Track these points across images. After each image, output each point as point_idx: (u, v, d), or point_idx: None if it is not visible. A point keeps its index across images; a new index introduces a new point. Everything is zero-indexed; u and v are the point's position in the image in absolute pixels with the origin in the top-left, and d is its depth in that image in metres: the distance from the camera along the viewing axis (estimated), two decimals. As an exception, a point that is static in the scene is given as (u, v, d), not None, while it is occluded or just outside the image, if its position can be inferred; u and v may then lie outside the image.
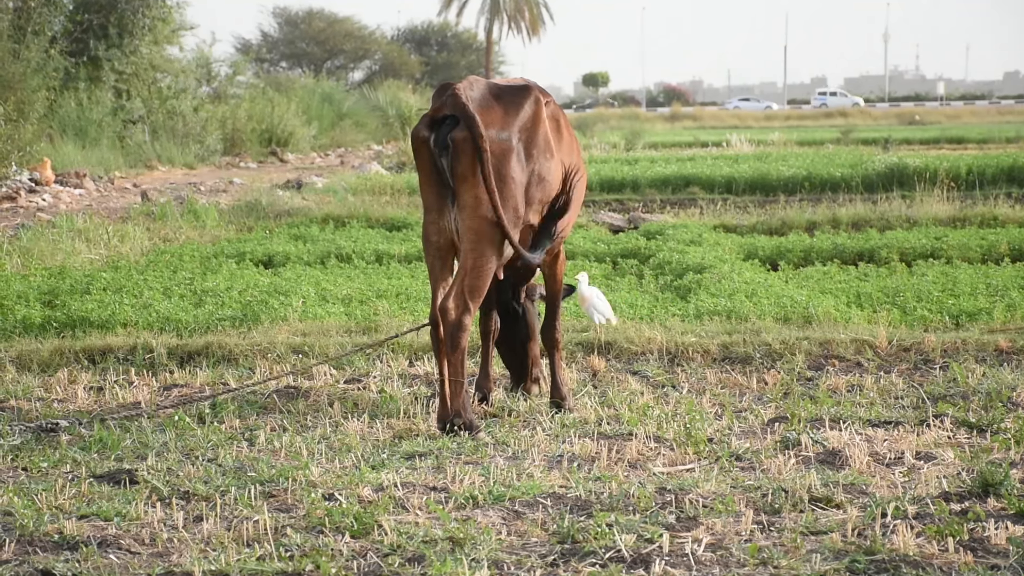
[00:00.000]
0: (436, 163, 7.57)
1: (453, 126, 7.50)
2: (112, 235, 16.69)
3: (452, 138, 7.47)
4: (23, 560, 5.45)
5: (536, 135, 7.83)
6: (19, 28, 28.55)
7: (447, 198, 7.61)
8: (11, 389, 8.88)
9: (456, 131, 7.48)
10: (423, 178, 7.68)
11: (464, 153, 7.48)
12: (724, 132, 47.56)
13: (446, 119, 7.54)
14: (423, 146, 7.59)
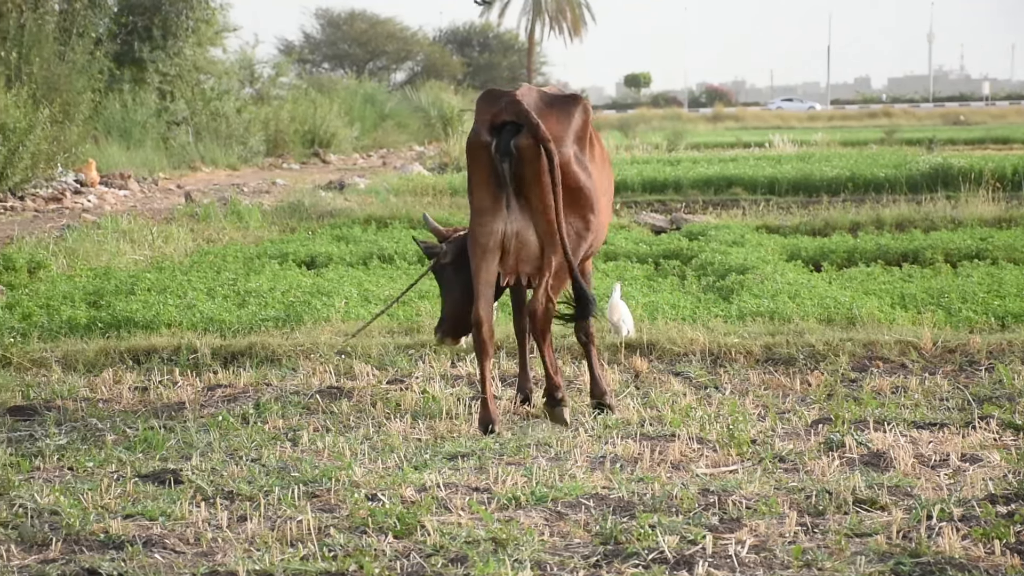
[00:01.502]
0: (496, 168, 7.61)
1: (515, 132, 7.56)
2: (156, 236, 16.79)
3: (516, 145, 7.54)
4: (69, 559, 5.49)
5: (584, 144, 7.91)
6: (64, 30, 28.76)
7: (502, 202, 7.66)
8: (57, 389, 8.94)
9: (521, 138, 7.55)
10: (478, 181, 7.71)
11: (530, 160, 7.56)
12: (767, 133, 47.35)
13: (505, 125, 7.59)
14: (483, 151, 7.65)
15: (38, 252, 14.47)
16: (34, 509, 6.11)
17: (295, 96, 47.54)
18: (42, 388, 8.99)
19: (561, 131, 7.74)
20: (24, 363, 9.66)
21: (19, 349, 9.89)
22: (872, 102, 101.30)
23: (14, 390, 8.90)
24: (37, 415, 8.18)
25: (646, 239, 16.59)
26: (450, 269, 8.60)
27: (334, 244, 16.23)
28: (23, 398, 8.70)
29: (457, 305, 8.58)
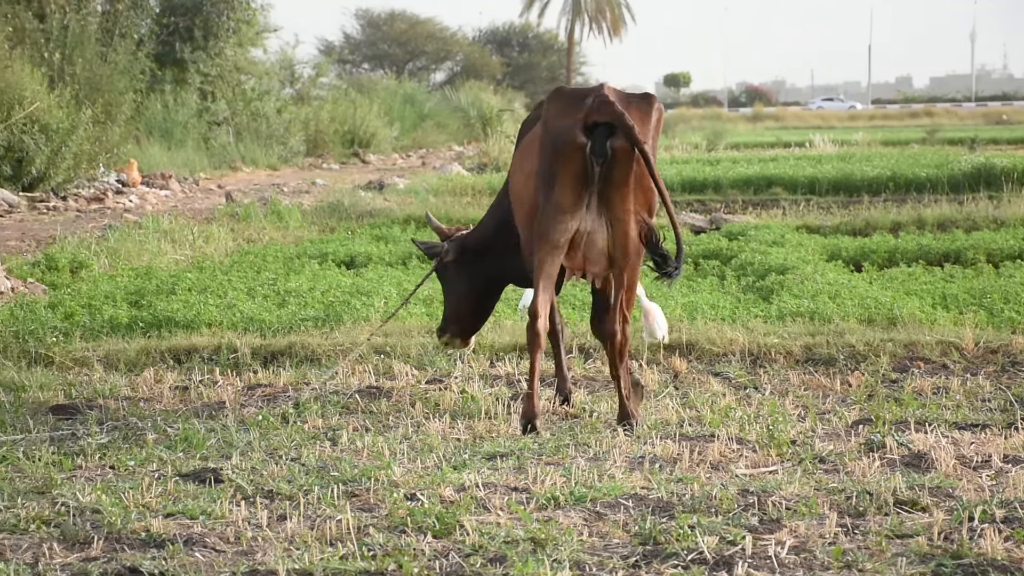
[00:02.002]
0: (585, 168, 7.61)
1: (608, 134, 7.55)
2: (197, 236, 16.87)
3: (613, 147, 7.54)
4: (111, 557, 5.52)
5: (656, 144, 7.87)
6: (107, 31, 28.95)
7: (584, 202, 7.66)
8: (99, 388, 9.00)
9: (617, 140, 7.54)
10: (564, 180, 7.65)
11: (623, 162, 7.59)
12: (807, 132, 47.17)
13: (597, 126, 7.58)
14: (577, 152, 7.60)
15: (80, 252, 14.57)
16: (76, 507, 6.15)
17: (335, 96, 47.71)
18: (84, 387, 9.05)
19: (643, 132, 7.69)
20: (66, 362, 9.72)
21: (61, 348, 9.96)
22: (914, 101, 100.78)
23: (57, 389, 8.96)
24: (79, 414, 8.23)
25: (686, 239, 16.51)
26: (453, 268, 8.72)
27: (373, 244, 16.27)
28: (65, 397, 8.76)
29: (462, 305, 8.73)
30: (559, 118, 7.74)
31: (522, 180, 8.08)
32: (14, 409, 8.31)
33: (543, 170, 7.78)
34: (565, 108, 7.77)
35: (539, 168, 7.82)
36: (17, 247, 15.36)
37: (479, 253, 8.74)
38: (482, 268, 8.75)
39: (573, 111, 7.69)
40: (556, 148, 7.68)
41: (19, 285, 12.99)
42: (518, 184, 8.17)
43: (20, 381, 9.08)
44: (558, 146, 7.67)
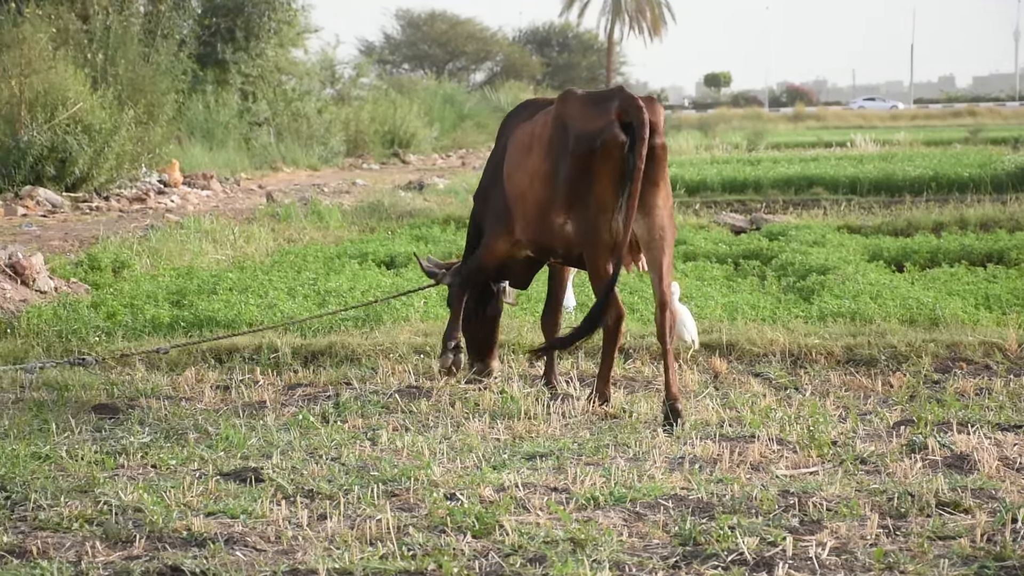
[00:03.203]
0: (624, 166, 7.88)
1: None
2: (238, 236, 16.94)
3: (653, 144, 7.92)
4: (153, 556, 5.54)
5: None
6: (149, 32, 29.12)
7: (620, 199, 7.92)
8: (141, 387, 9.05)
9: (656, 137, 7.97)
10: (607, 180, 7.95)
11: (660, 159, 8.03)
12: (848, 132, 47.00)
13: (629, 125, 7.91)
14: (618, 149, 7.90)
15: (122, 252, 14.65)
16: (118, 506, 6.18)
17: (375, 97, 47.84)
18: (126, 387, 9.10)
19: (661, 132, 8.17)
20: (109, 362, 9.78)
21: (104, 348, 10.02)
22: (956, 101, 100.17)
23: (99, 388, 9.02)
24: (121, 413, 8.28)
25: (726, 239, 16.52)
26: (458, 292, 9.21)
27: (413, 244, 16.30)
28: (107, 396, 8.81)
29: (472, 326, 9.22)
30: (588, 120, 8.05)
31: (525, 179, 8.43)
32: (57, 408, 8.37)
33: (569, 172, 8.09)
34: (592, 110, 8.10)
35: (559, 170, 8.15)
36: (60, 247, 15.46)
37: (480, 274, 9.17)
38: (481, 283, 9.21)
39: (602, 112, 8.01)
40: (592, 149, 7.96)
41: (62, 285, 13.07)
42: (519, 183, 8.50)
43: (63, 380, 9.15)
44: (596, 147, 7.94)
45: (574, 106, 8.21)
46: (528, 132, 8.57)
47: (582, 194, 8.05)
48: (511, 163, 8.68)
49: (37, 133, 21.97)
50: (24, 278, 12.71)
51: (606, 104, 8.07)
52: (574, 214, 8.14)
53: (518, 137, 8.69)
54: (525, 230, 8.59)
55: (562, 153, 8.16)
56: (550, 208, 8.27)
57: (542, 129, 8.41)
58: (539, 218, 8.39)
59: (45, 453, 7.16)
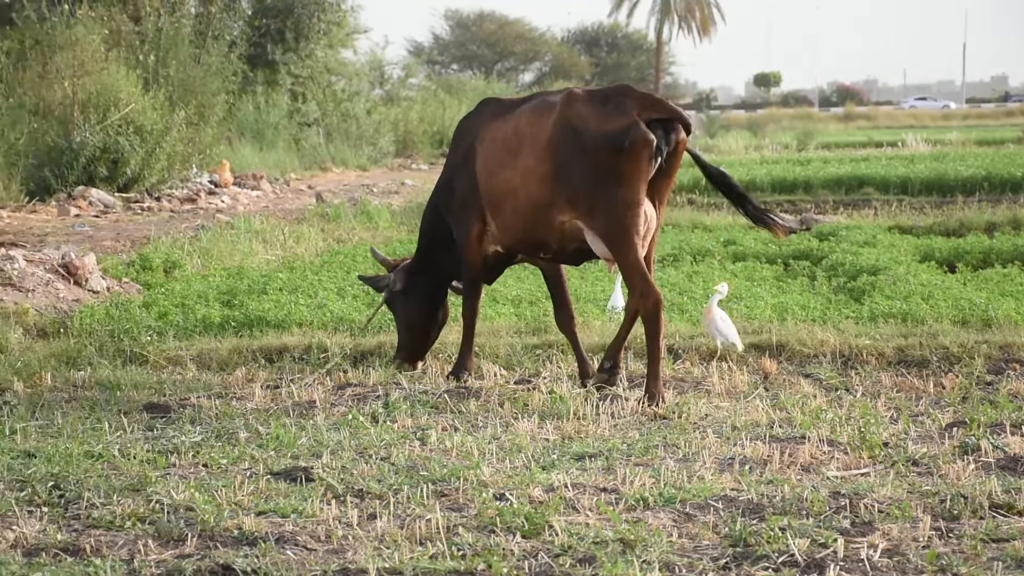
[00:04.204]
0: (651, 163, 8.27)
1: (669, 129, 8.31)
2: (288, 236, 17.01)
3: (677, 140, 8.34)
4: (204, 554, 5.57)
5: None
6: (200, 34, 29.28)
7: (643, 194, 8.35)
8: (192, 387, 9.10)
9: (679, 134, 8.35)
10: (638, 176, 8.30)
11: (678, 154, 8.45)
12: (899, 132, 46.71)
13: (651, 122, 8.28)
14: (649, 147, 8.23)
15: (173, 252, 14.74)
16: (170, 505, 6.22)
17: (424, 97, 47.94)
18: (177, 386, 9.16)
19: None
20: (160, 361, 9.84)
21: (155, 347, 10.08)
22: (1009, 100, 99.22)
23: (151, 388, 9.08)
24: (173, 412, 8.33)
25: (775, 239, 16.42)
26: (401, 296, 9.50)
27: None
28: (159, 395, 8.86)
29: (415, 330, 9.52)
30: (606, 120, 8.32)
31: (514, 178, 8.70)
32: (110, 407, 8.43)
33: (587, 172, 8.34)
34: (605, 110, 8.38)
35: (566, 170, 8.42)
36: (112, 247, 15.58)
37: (426, 272, 9.53)
38: (430, 285, 9.55)
39: (620, 112, 8.31)
40: (619, 148, 8.23)
41: (114, 285, 13.17)
42: (505, 182, 8.76)
43: (115, 380, 9.21)
44: (623, 146, 8.22)
45: (583, 108, 8.43)
46: (511, 132, 8.77)
47: (606, 193, 8.30)
48: (491, 162, 8.87)
49: (90, 134, 22.13)
50: (77, 278, 12.81)
51: (620, 103, 8.35)
52: (596, 213, 8.37)
53: (495, 137, 8.88)
54: (509, 228, 8.87)
55: (573, 154, 8.39)
56: (550, 207, 8.56)
57: (536, 130, 8.62)
58: (533, 216, 8.66)
59: (98, 452, 7.22)
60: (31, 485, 6.57)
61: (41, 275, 12.53)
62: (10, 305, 11.48)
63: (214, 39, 29.50)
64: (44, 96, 22.82)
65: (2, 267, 12.33)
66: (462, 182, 9.07)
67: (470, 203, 9.00)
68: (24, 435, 7.65)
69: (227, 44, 30.54)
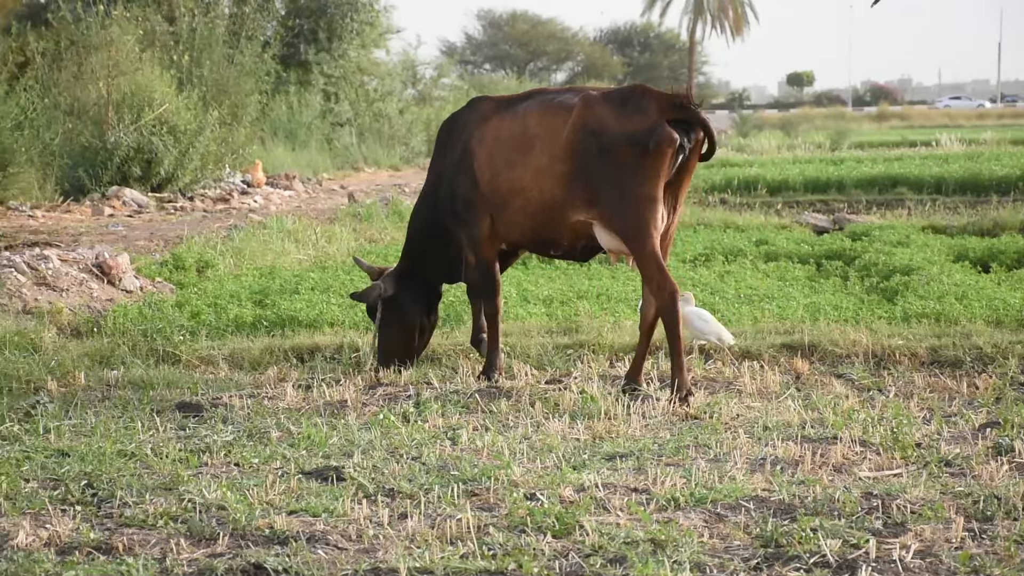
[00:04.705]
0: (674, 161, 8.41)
1: (688, 128, 8.41)
2: (320, 236, 17.04)
3: (696, 139, 8.50)
4: (236, 553, 5.60)
5: None
6: (234, 34, 29.38)
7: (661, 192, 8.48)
8: (224, 386, 9.13)
9: (697, 133, 8.44)
10: (663, 175, 8.43)
11: (697, 153, 8.55)
12: (933, 131, 46.48)
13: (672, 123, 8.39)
14: (673, 146, 8.35)
15: (206, 252, 14.79)
16: (202, 504, 6.25)
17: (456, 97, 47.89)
18: (210, 385, 9.19)
19: None
20: (193, 360, 9.88)
21: (188, 347, 10.12)
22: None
23: (183, 387, 9.11)
24: (205, 411, 8.36)
25: (808, 239, 16.41)
26: (392, 302, 9.55)
27: (494, 244, 16.27)
28: (192, 395, 8.89)
29: (397, 336, 9.56)
30: (628, 121, 8.42)
31: (525, 177, 8.77)
32: (142, 406, 8.47)
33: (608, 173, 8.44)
34: (625, 110, 8.48)
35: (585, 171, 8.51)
36: (146, 247, 15.64)
37: (416, 277, 9.58)
38: (421, 290, 9.61)
39: (641, 112, 8.41)
40: (643, 149, 8.33)
41: (147, 284, 13.23)
42: (514, 181, 8.83)
43: (148, 379, 9.26)
44: (648, 147, 8.31)
45: (602, 110, 8.52)
46: (518, 130, 8.85)
47: (626, 192, 8.39)
48: (495, 160, 8.93)
49: (124, 134, 22.22)
50: (111, 278, 12.88)
51: (639, 103, 8.47)
52: (614, 212, 8.47)
53: (497, 135, 8.96)
54: (516, 225, 8.97)
55: (593, 156, 8.48)
56: (565, 207, 8.65)
57: (548, 130, 8.69)
58: (544, 215, 8.77)
59: (131, 451, 7.26)
60: (65, 484, 6.62)
61: (75, 275, 12.60)
62: (44, 304, 11.55)
63: (248, 39, 29.59)
64: (79, 96, 22.93)
65: (37, 267, 12.40)
66: (463, 182, 9.11)
67: (476, 201, 9.05)
68: (58, 434, 7.69)
69: (260, 44, 30.62)
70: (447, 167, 9.29)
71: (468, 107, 9.39)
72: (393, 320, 9.55)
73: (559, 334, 10.42)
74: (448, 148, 9.32)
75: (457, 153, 9.18)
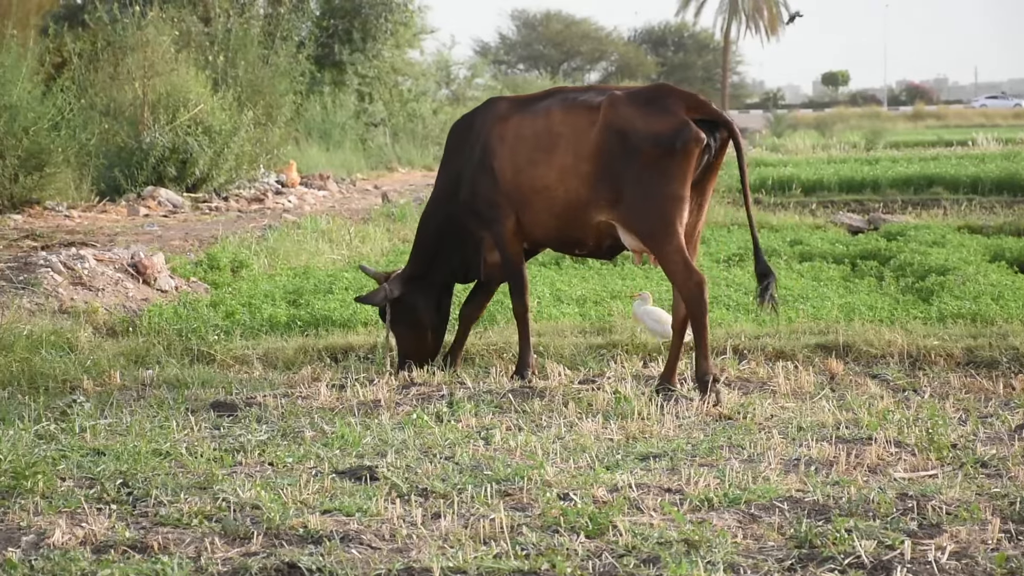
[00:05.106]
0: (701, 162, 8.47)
1: (713, 128, 8.48)
2: (354, 236, 17.07)
3: (722, 139, 8.51)
4: (270, 552, 5.61)
5: None
6: (269, 34, 29.49)
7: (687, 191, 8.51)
8: (258, 385, 9.16)
9: (723, 133, 8.53)
10: (689, 175, 8.47)
11: (723, 153, 8.63)
12: (970, 131, 46.23)
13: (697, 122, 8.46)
14: (700, 146, 8.40)
15: (241, 251, 14.84)
16: (236, 503, 6.26)
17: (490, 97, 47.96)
18: (244, 385, 9.22)
19: None
20: (227, 360, 9.91)
21: (223, 346, 10.15)
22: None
23: (218, 386, 9.15)
24: (239, 411, 8.39)
25: (842, 239, 16.36)
26: (399, 304, 9.54)
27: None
28: (226, 394, 8.92)
29: (419, 336, 9.59)
30: (654, 121, 8.45)
31: (550, 176, 8.80)
32: (177, 406, 8.50)
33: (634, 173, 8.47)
34: (651, 110, 8.52)
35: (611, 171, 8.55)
36: (181, 247, 15.71)
37: (427, 278, 9.56)
38: (432, 290, 9.59)
39: (667, 112, 8.47)
40: (670, 149, 8.37)
41: (182, 284, 13.28)
42: (538, 179, 8.86)
43: (183, 378, 9.29)
44: (675, 147, 8.35)
45: (627, 110, 8.56)
46: (542, 129, 8.88)
47: (649, 193, 8.43)
48: (518, 159, 8.96)
49: (159, 134, 22.32)
50: (146, 277, 12.94)
51: (665, 103, 8.52)
52: (635, 213, 8.52)
53: (519, 134, 8.98)
54: (540, 225, 9.02)
55: (619, 156, 8.53)
56: (589, 206, 8.70)
57: (574, 130, 8.73)
58: (568, 215, 8.81)
59: (166, 450, 7.28)
60: (100, 483, 6.65)
61: (111, 274, 12.67)
62: (81, 304, 11.61)
63: (282, 40, 29.69)
64: (115, 97, 23.06)
65: (73, 266, 12.47)
66: (483, 181, 9.13)
67: (498, 200, 9.08)
68: (93, 433, 7.73)
69: (295, 45, 30.73)
70: (464, 167, 9.30)
71: (483, 107, 9.42)
72: (403, 322, 9.57)
73: (592, 334, 10.41)
74: (464, 148, 9.33)
75: (475, 153, 9.18)
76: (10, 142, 19.03)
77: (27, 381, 9.21)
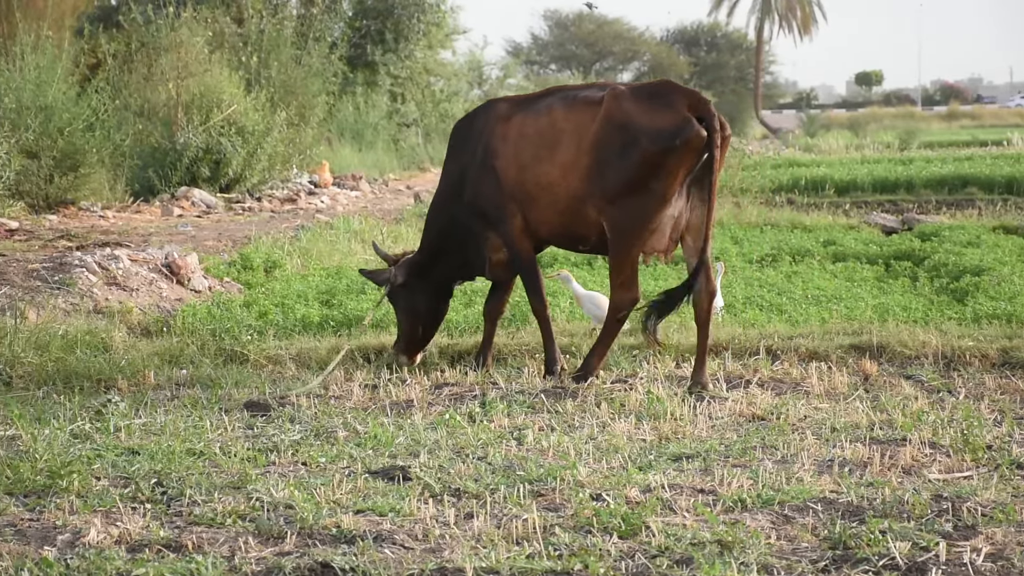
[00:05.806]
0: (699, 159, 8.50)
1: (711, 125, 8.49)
2: (386, 236, 17.11)
3: (724, 137, 8.53)
4: (304, 552, 5.62)
5: None
6: (302, 35, 29.56)
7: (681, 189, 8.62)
8: (291, 385, 9.18)
9: (726, 131, 8.59)
10: (680, 173, 8.52)
11: (726, 150, 8.75)
12: (1005, 131, 45.98)
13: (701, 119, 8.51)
14: (701, 143, 8.44)
15: (274, 252, 14.88)
16: (270, 503, 6.28)
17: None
18: (277, 385, 9.24)
19: None
20: (260, 360, 9.94)
21: (256, 346, 10.18)
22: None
23: (251, 386, 9.17)
24: (272, 411, 8.41)
25: (876, 240, 16.30)
26: (402, 291, 9.66)
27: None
28: (259, 394, 8.95)
29: (416, 324, 9.65)
30: (655, 117, 8.49)
31: (553, 172, 8.87)
32: (211, 406, 8.53)
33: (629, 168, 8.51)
34: (653, 105, 8.57)
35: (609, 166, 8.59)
36: (214, 247, 15.76)
37: (428, 273, 9.66)
38: (432, 283, 9.69)
39: (669, 108, 8.51)
40: (670, 146, 8.40)
41: (216, 284, 13.34)
42: (542, 176, 8.93)
43: (216, 378, 9.32)
44: (675, 144, 8.38)
45: (629, 104, 8.60)
46: (545, 126, 8.94)
47: (637, 187, 8.50)
48: (522, 157, 9.03)
49: (193, 135, 22.42)
50: (180, 277, 13.00)
51: (668, 99, 8.56)
52: (618, 203, 8.60)
53: (522, 132, 9.05)
54: (545, 222, 9.10)
55: (616, 149, 8.56)
56: (587, 201, 8.78)
57: (576, 125, 8.79)
58: (573, 210, 8.88)
59: (200, 450, 7.31)
60: (135, 482, 6.68)
61: (145, 275, 12.73)
62: (115, 304, 11.67)
63: (315, 40, 29.77)
64: (149, 98, 23.15)
65: (107, 266, 12.54)
66: (486, 181, 9.20)
67: (503, 200, 9.15)
68: (128, 433, 7.77)
69: (328, 45, 30.80)
70: (465, 168, 9.37)
71: (483, 109, 9.51)
72: (400, 307, 9.71)
73: (625, 334, 10.38)
74: (465, 149, 9.40)
75: (477, 153, 9.24)
76: (45, 143, 19.15)
77: (62, 381, 9.27)
